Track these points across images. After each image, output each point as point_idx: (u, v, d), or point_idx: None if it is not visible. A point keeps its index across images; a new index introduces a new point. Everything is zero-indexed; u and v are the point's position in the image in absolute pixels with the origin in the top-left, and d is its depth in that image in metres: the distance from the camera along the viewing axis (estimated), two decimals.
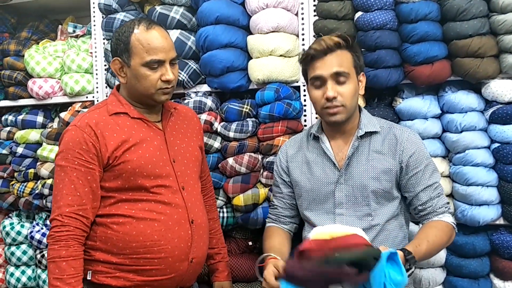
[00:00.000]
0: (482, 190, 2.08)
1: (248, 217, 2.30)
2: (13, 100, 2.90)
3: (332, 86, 1.66)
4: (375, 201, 1.70)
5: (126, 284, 1.65)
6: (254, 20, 2.34)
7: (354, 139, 1.74)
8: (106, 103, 1.77)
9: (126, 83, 1.72)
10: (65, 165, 1.63)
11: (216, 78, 2.37)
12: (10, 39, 2.92)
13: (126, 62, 1.68)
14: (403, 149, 1.71)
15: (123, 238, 1.63)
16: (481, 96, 2.14)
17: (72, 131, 1.66)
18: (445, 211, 1.72)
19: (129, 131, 1.69)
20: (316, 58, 1.68)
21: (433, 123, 2.16)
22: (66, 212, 1.60)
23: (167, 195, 1.68)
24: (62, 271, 1.56)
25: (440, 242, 1.65)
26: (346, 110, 1.68)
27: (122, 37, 1.68)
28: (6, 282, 2.85)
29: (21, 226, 2.79)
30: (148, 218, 1.65)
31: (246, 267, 2.37)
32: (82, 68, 2.70)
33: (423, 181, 1.71)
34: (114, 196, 1.67)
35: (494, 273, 2.17)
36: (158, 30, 1.69)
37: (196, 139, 1.91)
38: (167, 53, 1.67)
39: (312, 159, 1.81)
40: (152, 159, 1.68)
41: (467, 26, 2.05)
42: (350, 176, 1.72)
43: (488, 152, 2.11)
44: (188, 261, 1.70)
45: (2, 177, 2.87)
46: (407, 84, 2.24)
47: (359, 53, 1.75)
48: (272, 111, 2.25)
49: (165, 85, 1.69)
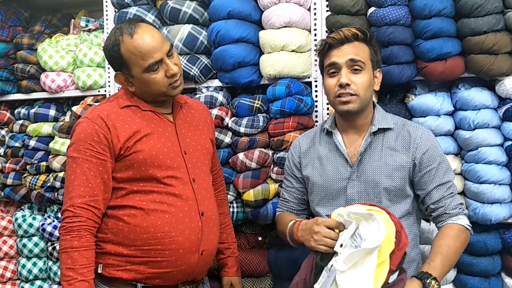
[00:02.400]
0: (494, 188, 2.06)
1: (258, 212, 2.30)
2: (25, 93, 2.92)
3: (346, 73, 1.66)
4: (387, 199, 1.69)
5: (137, 277, 1.66)
6: (266, 15, 2.33)
7: (367, 135, 1.73)
8: (117, 96, 1.78)
9: (136, 90, 1.74)
10: (77, 156, 1.64)
11: (227, 73, 2.37)
12: (24, 33, 2.95)
13: (128, 73, 1.69)
14: (417, 146, 1.70)
15: (134, 230, 1.64)
16: (495, 93, 2.12)
17: (84, 123, 1.67)
18: (459, 212, 1.68)
19: (140, 122, 1.70)
20: (333, 47, 1.69)
21: (445, 120, 2.15)
22: (78, 203, 1.61)
23: (178, 186, 1.69)
24: (74, 261, 1.57)
25: (454, 251, 1.61)
26: (359, 100, 1.67)
27: (113, 53, 1.67)
28: (18, 274, 2.88)
29: (33, 219, 2.82)
30: (159, 210, 1.65)
31: (256, 262, 2.37)
32: (94, 62, 2.71)
33: (436, 178, 1.69)
34: (126, 187, 1.67)
35: (506, 271, 2.16)
36: (142, 31, 1.64)
37: (208, 132, 1.91)
38: (161, 50, 1.65)
39: (324, 154, 1.80)
40: (164, 150, 1.69)
41: (481, 23, 2.03)
42: (363, 172, 1.71)
43: (501, 150, 2.09)
44: (198, 253, 1.70)
45: (15, 169, 2.91)
46: (420, 81, 2.22)
47: (377, 48, 1.75)
48: (283, 106, 2.24)
49: (174, 79, 1.69)
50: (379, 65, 1.77)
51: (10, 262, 2.95)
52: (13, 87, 2.96)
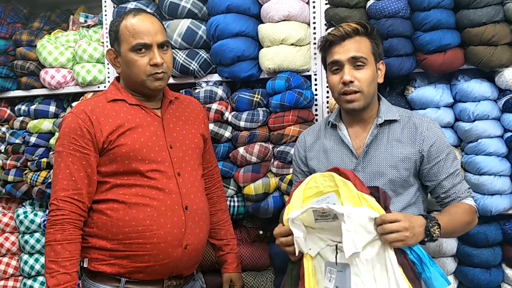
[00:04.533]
0: (494, 179, 2.07)
1: (258, 206, 2.31)
2: (25, 90, 2.93)
3: (349, 70, 1.66)
4: (392, 190, 1.69)
5: (121, 271, 1.66)
6: (265, 8, 2.33)
7: (373, 127, 1.73)
8: (106, 92, 1.80)
9: (121, 72, 1.75)
10: (61, 150, 1.66)
11: (227, 68, 2.37)
12: (23, 30, 2.95)
13: (117, 50, 1.72)
14: (424, 139, 1.70)
15: (117, 224, 1.65)
16: (495, 85, 2.12)
17: (69, 117, 1.69)
18: (467, 195, 1.72)
19: (125, 116, 1.71)
20: (334, 44, 1.69)
21: (445, 112, 2.15)
22: (61, 196, 1.62)
23: (162, 180, 1.69)
24: (57, 254, 1.59)
25: (462, 219, 1.65)
26: (363, 96, 1.67)
27: (113, 27, 1.72)
28: (20, 270, 2.89)
29: (34, 215, 2.83)
30: (141, 204, 1.65)
31: (257, 256, 2.38)
32: (93, 58, 2.71)
33: (445, 169, 1.70)
34: (110, 181, 1.68)
35: (506, 262, 2.16)
36: (145, 15, 1.72)
37: (198, 127, 1.90)
38: (153, 36, 1.68)
39: (329, 147, 1.80)
40: (147, 144, 1.69)
41: (480, 14, 2.02)
42: (368, 164, 1.72)
43: (501, 142, 2.09)
44: (182, 248, 1.69)
45: (16, 166, 2.91)
46: (419, 73, 2.22)
47: (378, 41, 1.74)
48: (283, 100, 2.24)
49: (155, 70, 1.68)
50: (381, 57, 1.76)
51: (12, 259, 2.96)
52: (13, 84, 2.96)
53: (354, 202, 1.39)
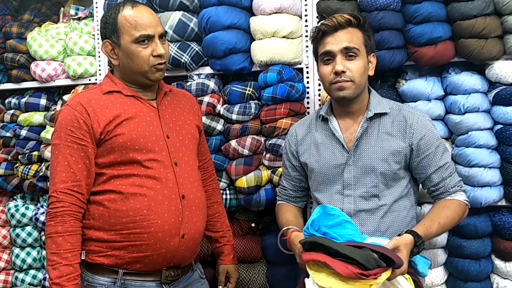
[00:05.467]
0: (484, 171, 2.08)
1: (251, 199, 2.31)
2: (16, 83, 2.90)
3: (341, 60, 1.67)
4: (383, 183, 1.71)
5: (118, 262, 1.67)
6: (257, 1, 2.32)
7: (363, 121, 1.73)
8: (100, 84, 1.80)
9: (119, 64, 1.74)
10: (58, 143, 1.66)
11: (218, 60, 2.37)
12: (13, 22, 2.92)
13: (116, 42, 1.71)
14: (414, 132, 1.71)
15: (114, 214, 1.65)
16: (485, 77, 2.13)
17: (65, 110, 1.69)
18: (457, 190, 1.74)
19: (121, 107, 1.71)
20: (327, 34, 1.69)
21: (436, 105, 2.16)
22: (60, 188, 1.63)
23: (159, 169, 1.69)
24: (58, 246, 1.59)
25: (451, 223, 1.68)
26: (355, 86, 1.68)
27: (110, 19, 1.71)
28: (12, 263, 2.88)
29: (25, 208, 2.81)
30: (138, 193, 1.66)
31: (249, 248, 2.39)
32: (84, 50, 2.70)
33: (434, 162, 1.71)
34: (107, 172, 1.68)
35: (496, 254, 2.18)
36: (143, 7, 1.73)
37: (193, 118, 1.91)
38: (155, 27, 1.70)
39: (320, 140, 1.81)
40: (145, 133, 1.70)
41: (471, 7, 2.03)
42: (359, 157, 1.73)
43: (491, 134, 2.11)
44: (179, 237, 1.70)
45: (6, 159, 2.89)
46: (411, 66, 2.23)
47: (370, 33, 1.75)
48: (274, 93, 2.24)
49: (158, 61, 1.70)
50: (373, 49, 1.77)
51: (3, 252, 2.94)
52: (3, 77, 2.94)
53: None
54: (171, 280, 1.76)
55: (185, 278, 1.82)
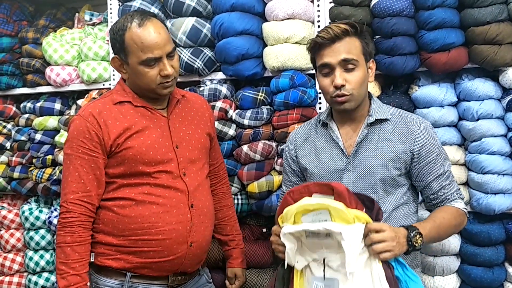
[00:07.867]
0: (498, 178, 2.07)
1: (262, 204, 2.32)
2: (31, 87, 2.94)
3: (340, 73, 1.63)
4: (383, 189, 1.69)
5: (126, 266, 1.69)
6: (269, 7, 2.33)
7: (364, 126, 1.72)
8: (112, 92, 1.80)
9: (128, 78, 1.75)
10: (70, 153, 1.69)
11: (231, 66, 2.38)
12: (28, 27, 2.96)
13: (124, 60, 1.70)
14: (415, 139, 1.69)
15: (123, 220, 1.68)
16: (498, 83, 2.12)
17: (77, 120, 1.70)
18: (456, 197, 1.71)
19: (132, 119, 1.71)
20: (324, 46, 1.65)
21: (449, 111, 2.15)
22: (70, 198, 1.65)
23: (167, 180, 1.71)
24: (67, 256, 1.63)
25: (448, 224, 1.63)
26: (354, 98, 1.65)
27: (117, 36, 1.68)
28: (25, 266, 2.91)
29: (39, 212, 2.84)
30: (147, 201, 1.68)
31: (260, 254, 2.39)
32: (99, 55, 2.73)
33: (434, 170, 1.69)
34: (117, 181, 1.70)
35: (509, 261, 2.16)
36: (151, 25, 1.65)
37: (204, 126, 1.90)
38: (162, 48, 1.66)
39: (320, 146, 1.80)
40: (154, 146, 1.71)
41: (485, 13, 2.03)
42: (358, 163, 1.71)
43: (505, 141, 2.09)
44: (187, 245, 1.72)
45: (21, 163, 2.93)
46: (423, 72, 2.22)
47: (368, 39, 1.71)
48: (287, 98, 2.25)
49: (165, 80, 1.69)
50: (372, 55, 1.73)
51: (17, 255, 2.98)
52: (18, 81, 2.98)
53: (347, 220, 1.35)
54: (177, 284, 1.78)
55: (192, 283, 1.84)
